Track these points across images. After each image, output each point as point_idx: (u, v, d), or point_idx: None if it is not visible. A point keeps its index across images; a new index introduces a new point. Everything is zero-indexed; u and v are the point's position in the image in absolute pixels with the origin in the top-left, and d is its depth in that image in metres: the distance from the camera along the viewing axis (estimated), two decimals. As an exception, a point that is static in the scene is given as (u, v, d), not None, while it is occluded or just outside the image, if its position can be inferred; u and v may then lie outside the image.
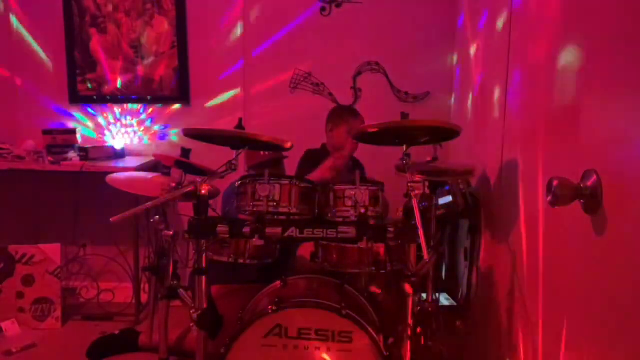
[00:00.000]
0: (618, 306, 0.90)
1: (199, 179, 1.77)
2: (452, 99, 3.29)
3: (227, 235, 1.78)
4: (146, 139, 3.48)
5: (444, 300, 2.58)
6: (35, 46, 3.41)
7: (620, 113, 0.91)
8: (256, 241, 1.74)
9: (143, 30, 3.36)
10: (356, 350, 1.79)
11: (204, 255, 1.79)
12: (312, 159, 2.77)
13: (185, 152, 2.20)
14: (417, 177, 1.97)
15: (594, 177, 0.94)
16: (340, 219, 1.83)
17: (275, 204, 1.79)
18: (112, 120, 3.48)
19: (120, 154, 3.40)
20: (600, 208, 0.93)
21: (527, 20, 1.96)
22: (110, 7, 3.34)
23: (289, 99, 3.39)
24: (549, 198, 0.97)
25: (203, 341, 1.78)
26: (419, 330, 1.66)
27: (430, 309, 1.71)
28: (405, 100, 3.35)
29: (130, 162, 3.25)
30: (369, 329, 1.80)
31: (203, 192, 1.74)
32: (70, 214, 3.33)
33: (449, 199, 2.30)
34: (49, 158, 3.08)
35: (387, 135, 1.82)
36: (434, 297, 1.97)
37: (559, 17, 1.62)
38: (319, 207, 1.89)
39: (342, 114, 2.81)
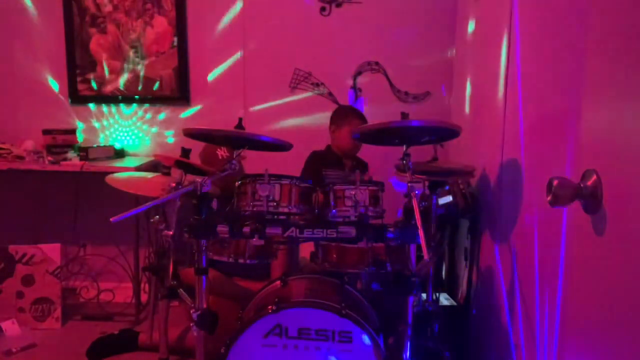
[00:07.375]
0: (618, 306, 0.90)
1: (199, 179, 1.77)
2: (452, 99, 3.29)
3: (227, 235, 1.78)
4: (146, 139, 3.48)
5: (444, 300, 2.58)
6: (35, 46, 3.41)
7: (621, 112, 0.91)
8: (256, 241, 1.74)
9: (143, 30, 3.36)
10: (356, 350, 1.79)
11: (204, 254, 1.78)
12: (318, 160, 2.77)
13: (185, 152, 2.21)
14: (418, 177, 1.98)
15: (594, 177, 0.94)
16: (340, 219, 1.83)
17: (275, 204, 1.79)
18: (112, 120, 3.48)
19: (120, 154, 3.40)
20: (600, 208, 0.93)
21: (525, 21, 1.96)
22: (110, 7, 3.34)
23: (289, 98, 3.39)
24: (549, 198, 0.97)
25: (203, 341, 1.78)
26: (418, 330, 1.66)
27: (430, 309, 1.72)
28: (405, 100, 3.35)
29: (130, 162, 3.25)
30: (369, 328, 1.80)
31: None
32: (70, 214, 3.33)
33: (449, 199, 2.30)
34: (49, 158, 3.08)
35: (387, 135, 1.82)
36: (434, 297, 1.98)
37: (561, 15, 1.62)
38: (319, 207, 1.89)
39: (345, 114, 2.81)
